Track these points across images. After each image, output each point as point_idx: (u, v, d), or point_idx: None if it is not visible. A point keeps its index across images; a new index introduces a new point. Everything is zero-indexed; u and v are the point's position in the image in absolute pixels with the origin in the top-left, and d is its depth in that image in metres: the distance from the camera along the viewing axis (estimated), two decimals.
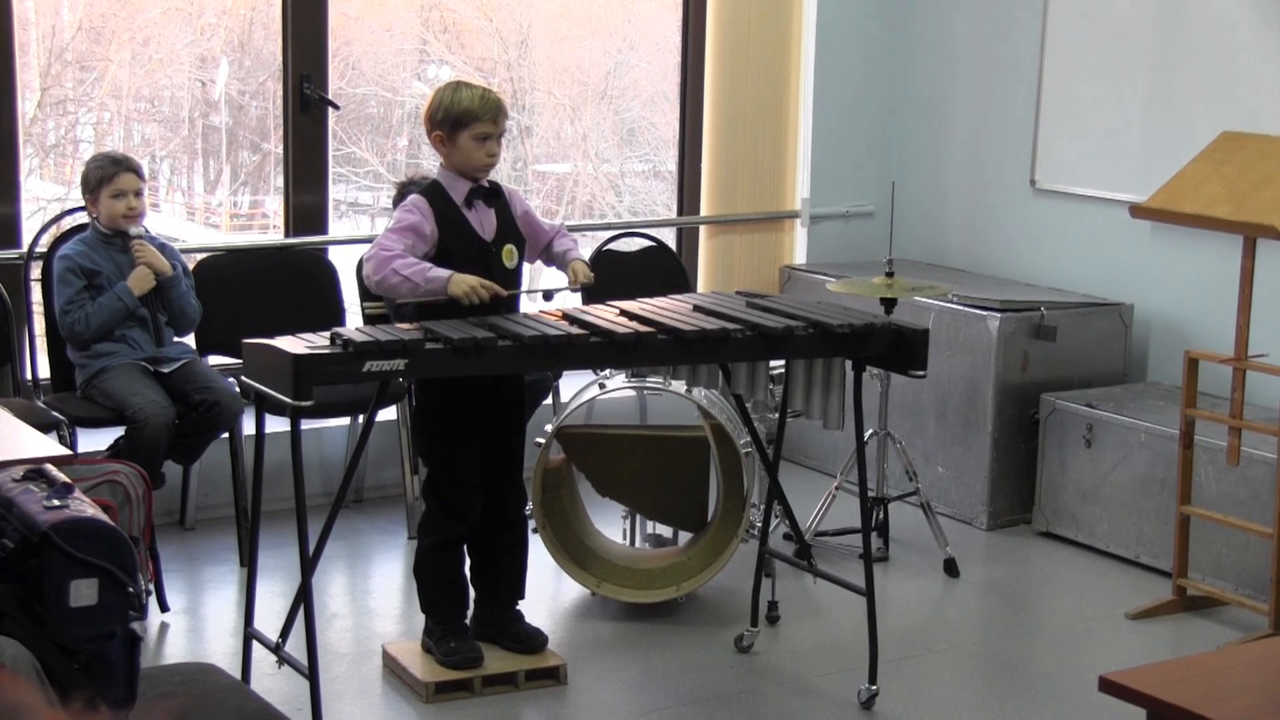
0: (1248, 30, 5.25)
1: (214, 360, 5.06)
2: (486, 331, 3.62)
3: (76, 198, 4.86)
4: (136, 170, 4.73)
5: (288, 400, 3.45)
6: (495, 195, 4.03)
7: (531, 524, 4.37)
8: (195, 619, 4.55)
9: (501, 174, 5.29)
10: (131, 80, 5.94)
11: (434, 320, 3.74)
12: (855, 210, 6.44)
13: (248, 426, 4.86)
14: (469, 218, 3.96)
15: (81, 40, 5.79)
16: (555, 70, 6.65)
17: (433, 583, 4.12)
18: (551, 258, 4.14)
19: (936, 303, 5.48)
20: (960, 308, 5.48)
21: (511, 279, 4.01)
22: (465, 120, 3.91)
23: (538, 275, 5.09)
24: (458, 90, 3.94)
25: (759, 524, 4.60)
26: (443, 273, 3.81)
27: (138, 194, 4.72)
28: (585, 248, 5.99)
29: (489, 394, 4.00)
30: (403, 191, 4.91)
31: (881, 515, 5.14)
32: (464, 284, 3.79)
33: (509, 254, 3.99)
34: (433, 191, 3.97)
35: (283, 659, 3.77)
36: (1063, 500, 5.33)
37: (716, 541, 4.59)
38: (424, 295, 3.82)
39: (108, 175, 4.68)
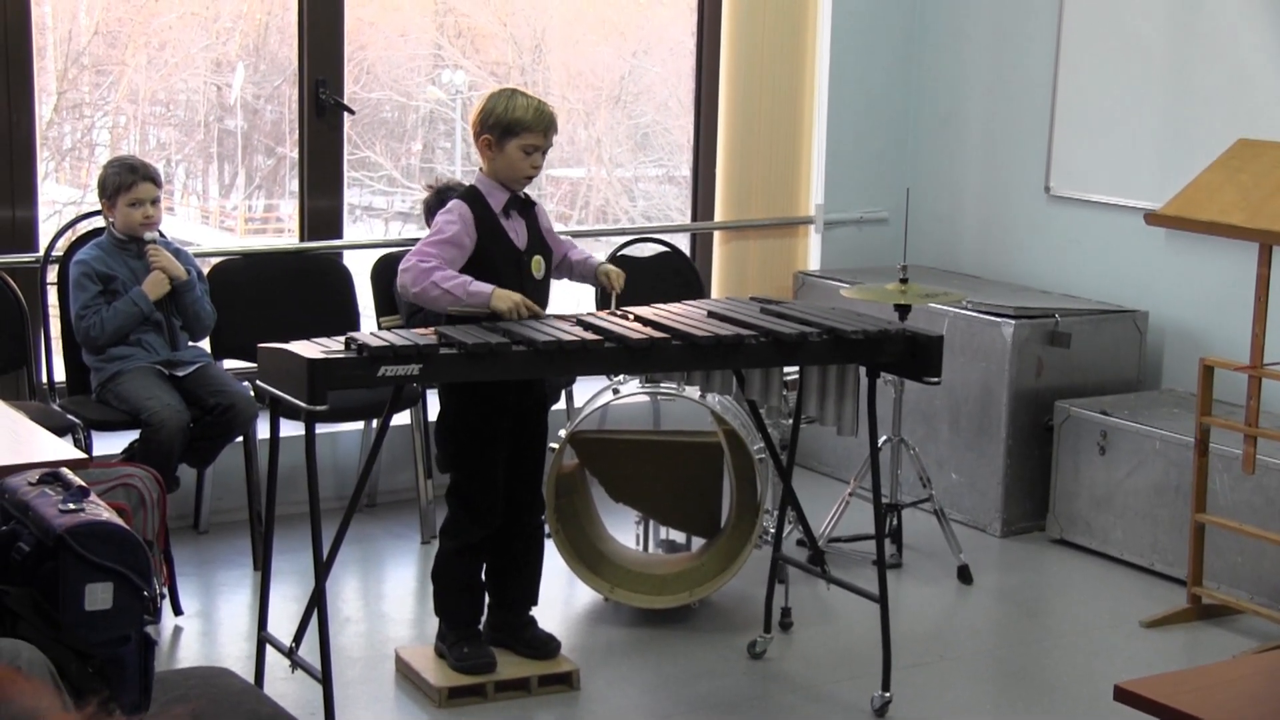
0: (1264, 37, 5.24)
1: (229, 364, 5.07)
2: (501, 337, 3.63)
3: (92, 201, 4.87)
4: (154, 179, 4.73)
5: (302, 404, 3.45)
6: (529, 206, 4.05)
7: (545, 529, 4.37)
8: (209, 623, 4.56)
9: None
10: (147, 84, 5.95)
11: (449, 325, 3.75)
12: (869, 216, 6.43)
13: (262, 430, 4.86)
14: (506, 227, 3.98)
15: (98, 44, 5.80)
16: (569, 75, 6.65)
17: (450, 587, 4.12)
18: (571, 268, 4.15)
19: (951, 309, 5.47)
20: (974, 314, 5.47)
21: (541, 289, 4.03)
22: (516, 129, 3.93)
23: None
24: (513, 98, 3.96)
25: (772, 530, 4.59)
26: (485, 287, 3.82)
27: (154, 202, 4.72)
28: (599, 253, 5.99)
29: (515, 398, 4.01)
30: (439, 195, 4.90)
31: (895, 522, 5.14)
32: (509, 299, 3.81)
33: (537, 265, 4.01)
34: (472, 198, 3.99)
35: (296, 663, 3.77)
36: (1077, 507, 5.32)
37: (730, 547, 4.59)
38: (465, 308, 3.83)
39: (125, 183, 4.68)
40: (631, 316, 3.93)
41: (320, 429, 3.68)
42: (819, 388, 4.09)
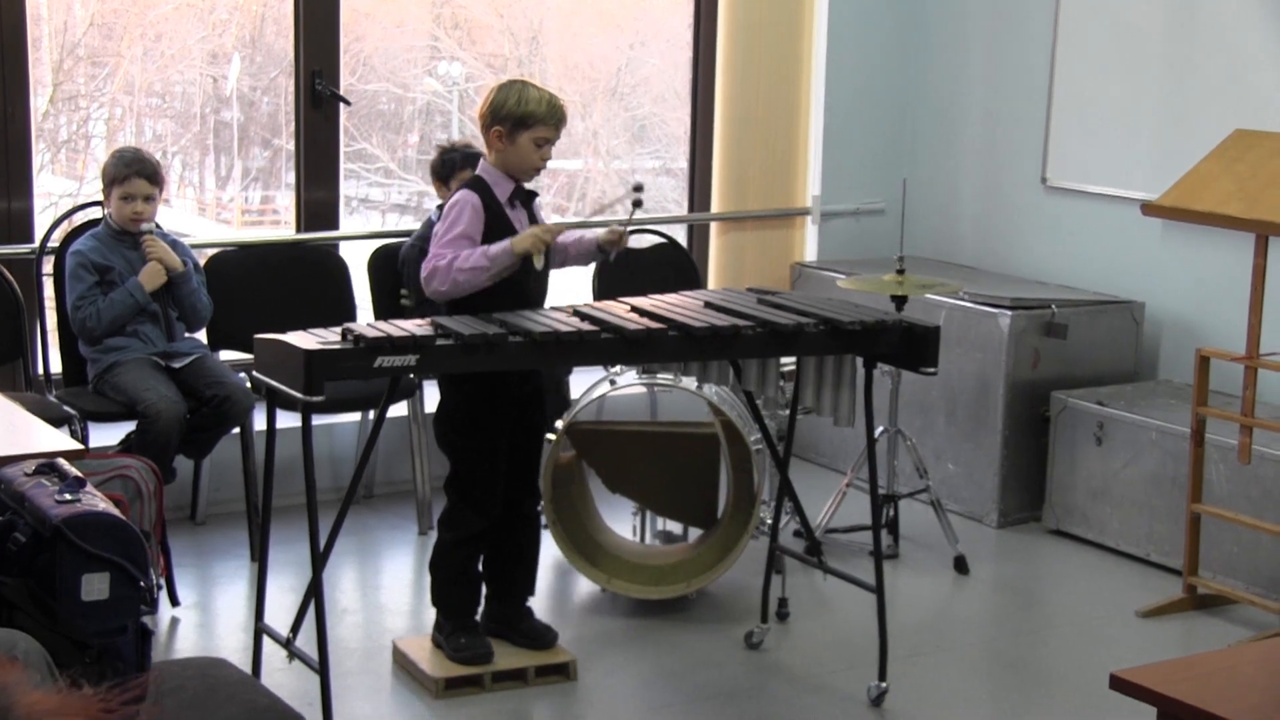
0: (1261, 27, 5.24)
1: (225, 355, 5.07)
2: (498, 328, 3.63)
3: (88, 193, 4.86)
4: (149, 175, 4.71)
5: (299, 395, 3.45)
6: (531, 197, 4.06)
7: (542, 520, 4.37)
8: (206, 613, 4.56)
9: None
10: (143, 76, 5.94)
11: (446, 316, 3.75)
12: (866, 207, 6.43)
13: (259, 422, 4.86)
14: (511, 217, 3.99)
15: (93, 36, 5.80)
16: (566, 67, 6.65)
17: (448, 578, 4.12)
18: (566, 251, 4.15)
19: (947, 300, 5.47)
20: (971, 305, 5.47)
21: (542, 279, 4.03)
22: (529, 121, 3.94)
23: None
24: (525, 90, 3.97)
25: (769, 521, 4.60)
26: (501, 244, 3.87)
27: (147, 199, 4.71)
28: None
29: (515, 389, 4.02)
30: (443, 158, 4.93)
31: (892, 512, 5.14)
32: (526, 237, 3.88)
33: (537, 256, 4.01)
34: (478, 187, 3.99)
35: (293, 654, 3.78)
36: (1073, 498, 5.32)
37: (727, 538, 4.59)
38: (497, 273, 3.87)
39: (119, 176, 4.69)
40: (628, 307, 3.93)
41: (317, 420, 3.69)
42: (816, 378, 4.10)
